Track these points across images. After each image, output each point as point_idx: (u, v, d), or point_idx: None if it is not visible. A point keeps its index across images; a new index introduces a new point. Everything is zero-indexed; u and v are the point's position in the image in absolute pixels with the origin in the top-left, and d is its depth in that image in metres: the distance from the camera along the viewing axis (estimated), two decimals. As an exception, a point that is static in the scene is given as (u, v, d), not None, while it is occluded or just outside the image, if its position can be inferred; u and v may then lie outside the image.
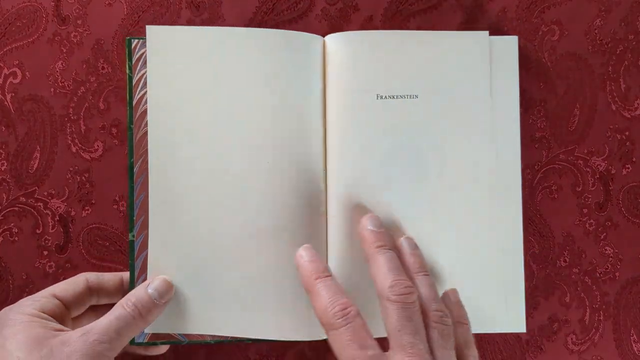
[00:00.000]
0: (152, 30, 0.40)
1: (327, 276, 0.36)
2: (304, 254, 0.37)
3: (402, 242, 0.39)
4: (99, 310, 0.39)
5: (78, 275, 0.39)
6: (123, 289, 0.40)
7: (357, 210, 0.40)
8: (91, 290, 0.39)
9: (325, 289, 0.35)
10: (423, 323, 0.35)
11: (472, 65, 0.41)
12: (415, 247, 0.39)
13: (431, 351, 0.34)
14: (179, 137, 0.40)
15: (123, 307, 0.36)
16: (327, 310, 0.34)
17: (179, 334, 0.40)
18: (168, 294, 0.38)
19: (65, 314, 0.37)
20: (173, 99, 0.40)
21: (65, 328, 0.36)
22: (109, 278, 0.40)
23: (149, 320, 0.37)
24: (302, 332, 0.40)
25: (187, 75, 0.40)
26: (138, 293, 0.37)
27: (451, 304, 0.39)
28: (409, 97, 0.41)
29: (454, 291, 0.40)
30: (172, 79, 0.40)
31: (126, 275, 0.40)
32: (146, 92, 0.40)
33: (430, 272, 0.38)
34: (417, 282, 0.37)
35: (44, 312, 0.36)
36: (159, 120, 0.40)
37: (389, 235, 0.39)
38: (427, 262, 0.40)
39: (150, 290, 0.37)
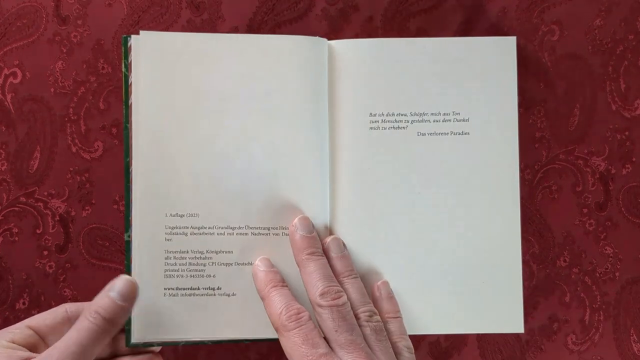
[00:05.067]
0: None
1: (283, 286, 0.38)
2: (260, 264, 0.39)
3: (330, 244, 0.40)
4: None
5: (58, 306, 0.39)
6: None
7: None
8: (71, 321, 0.38)
9: (280, 296, 0.37)
10: (356, 322, 0.37)
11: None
12: (342, 248, 0.40)
13: (368, 345, 0.36)
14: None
15: (86, 318, 0.35)
16: (281, 314, 0.36)
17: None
18: (132, 294, 0.36)
19: (40, 344, 0.37)
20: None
21: (34, 355, 0.35)
22: None
23: (118, 323, 0.36)
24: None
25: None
26: (100, 301, 0.35)
27: (382, 299, 0.40)
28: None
29: (385, 284, 0.40)
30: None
31: None
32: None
33: (357, 274, 0.40)
34: (346, 285, 0.39)
35: (14, 343, 0.35)
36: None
37: (319, 240, 0.40)
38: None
39: (112, 294, 0.36)
